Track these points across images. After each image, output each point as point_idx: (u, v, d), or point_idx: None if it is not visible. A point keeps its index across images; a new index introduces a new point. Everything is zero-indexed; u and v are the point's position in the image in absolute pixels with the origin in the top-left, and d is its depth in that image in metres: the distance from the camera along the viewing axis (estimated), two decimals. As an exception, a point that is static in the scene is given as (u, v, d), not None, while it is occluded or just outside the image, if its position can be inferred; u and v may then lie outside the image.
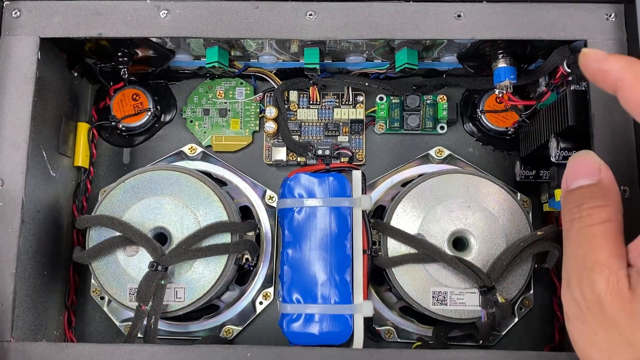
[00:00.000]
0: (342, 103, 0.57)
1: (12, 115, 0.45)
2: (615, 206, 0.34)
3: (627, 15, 0.44)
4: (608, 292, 0.32)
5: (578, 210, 0.35)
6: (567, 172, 0.36)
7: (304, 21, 0.46)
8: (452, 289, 0.48)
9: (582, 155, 0.36)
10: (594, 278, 0.32)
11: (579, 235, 0.34)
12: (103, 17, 0.46)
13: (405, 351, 0.41)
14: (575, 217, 0.35)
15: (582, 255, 0.33)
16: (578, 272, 0.33)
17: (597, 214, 0.34)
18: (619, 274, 0.32)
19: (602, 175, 0.35)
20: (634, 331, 0.31)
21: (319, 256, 0.47)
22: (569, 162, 0.36)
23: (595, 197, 0.34)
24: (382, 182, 0.55)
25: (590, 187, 0.35)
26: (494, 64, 0.50)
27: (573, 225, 0.35)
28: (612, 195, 0.34)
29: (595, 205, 0.34)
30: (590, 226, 0.34)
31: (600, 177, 0.35)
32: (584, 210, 0.34)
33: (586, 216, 0.34)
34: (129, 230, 0.46)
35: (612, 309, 0.32)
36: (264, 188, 0.56)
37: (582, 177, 0.35)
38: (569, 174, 0.36)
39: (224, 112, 0.57)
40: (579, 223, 0.34)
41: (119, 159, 0.58)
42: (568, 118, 0.44)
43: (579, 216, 0.34)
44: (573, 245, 0.34)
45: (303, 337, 0.46)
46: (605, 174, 0.35)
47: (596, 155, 0.36)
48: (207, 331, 0.54)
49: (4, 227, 0.43)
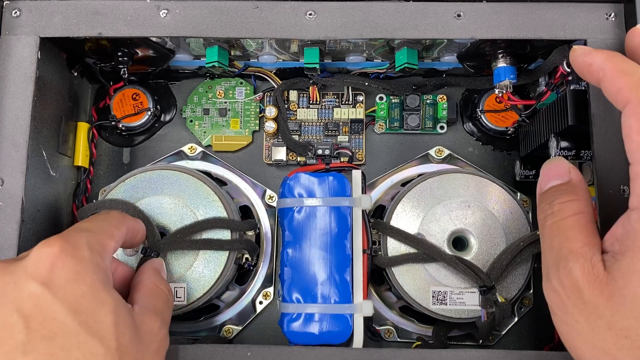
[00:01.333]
0: (342, 103, 0.57)
1: (12, 115, 0.45)
2: (584, 200, 0.36)
3: (627, 15, 0.44)
4: (584, 278, 0.33)
5: (550, 206, 0.37)
6: (540, 177, 0.39)
7: (304, 21, 0.46)
8: (452, 289, 0.48)
9: (553, 161, 0.39)
10: (569, 266, 0.34)
11: (552, 228, 0.36)
12: (103, 16, 0.46)
13: (405, 351, 0.41)
14: (547, 213, 0.37)
15: (558, 247, 0.35)
16: (555, 263, 0.35)
17: (568, 208, 0.36)
18: (593, 260, 0.33)
19: (572, 175, 0.37)
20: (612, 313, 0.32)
21: (319, 256, 0.47)
22: (542, 168, 0.39)
23: (565, 193, 0.37)
24: (382, 181, 0.55)
25: (561, 186, 0.37)
26: (493, 63, 0.50)
27: (546, 221, 0.37)
28: (581, 191, 0.37)
29: (565, 200, 0.36)
30: (563, 219, 0.36)
31: (570, 177, 0.37)
32: (555, 205, 0.36)
33: (557, 211, 0.36)
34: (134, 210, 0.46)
35: (590, 293, 0.33)
36: (264, 188, 0.56)
37: (553, 179, 0.38)
38: (542, 178, 0.39)
39: (224, 112, 0.57)
40: (552, 218, 0.36)
41: (119, 159, 0.58)
42: (568, 118, 0.44)
43: (551, 212, 0.36)
44: (547, 239, 0.36)
45: (303, 336, 0.46)
46: (575, 174, 0.37)
47: (566, 161, 0.38)
48: (207, 331, 0.54)
49: (4, 227, 0.43)
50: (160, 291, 0.41)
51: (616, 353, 0.32)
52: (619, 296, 0.32)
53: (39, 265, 0.33)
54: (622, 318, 0.32)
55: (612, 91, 0.35)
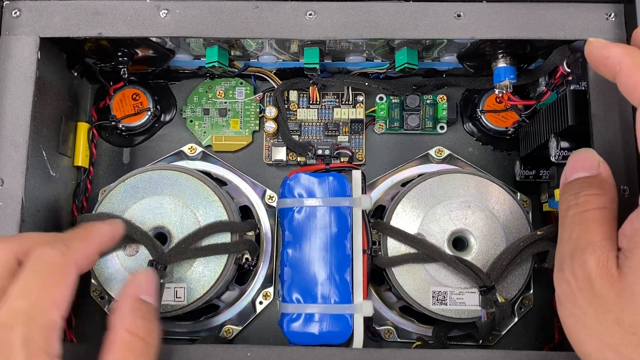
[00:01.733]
0: (342, 103, 0.57)
1: (12, 115, 0.45)
2: (611, 196, 0.35)
3: (627, 15, 0.44)
4: (598, 271, 0.33)
5: (574, 197, 0.36)
6: (567, 167, 0.38)
7: (304, 21, 0.46)
8: (452, 289, 0.48)
9: (582, 151, 0.38)
10: (585, 257, 0.33)
11: (574, 219, 0.35)
12: (103, 16, 0.46)
13: (405, 351, 0.41)
14: (571, 203, 0.36)
15: (576, 238, 0.35)
16: (571, 253, 0.34)
17: (593, 201, 0.35)
18: (609, 255, 0.33)
19: (601, 169, 0.36)
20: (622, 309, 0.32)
21: (319, 256, 0.47)
22: (570, 158, 0.38)
23: (592, 186, 0.36)
24: (382, 182, 0.55)
25: (588, 178, 0.36)
26: (493, 63, 0.50)
27: (569, 212, 0.36)
28: (608, 186, 0.36)
29: (591, 193, 0.35)
30: (586, 211, 0.35)
31: (599, 170, 0.36)
32: (580, 197, 0.36)
33: (582, 202, 0.35)
34: (130, 227, 0.46)
35: (601, 287, 0.33)
36: (264, 188, 0.56)
37: (580, 170, 0.37)
38: (569, 168, 0.38)
39: (224, 112, 0.57)
40: (575, 209, 0.36)
41: (118, 159, 0.58)
42: (568, 118, 0.44)
43: (575, 202, 0.36)
44: (567, 229, 0.36)
45: (303, 336, 0.46)
46: (604, 168, 0.36)
47: (596, 152, 0.37)
48: (207, 331, 0.54)
49: (4, 226, 0.43)
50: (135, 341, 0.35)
51: (622, 349, 0.32)
52: (629, 293, 0.31)
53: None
54: (631, 314, 0.31)
55: (628, 86, 0.35)
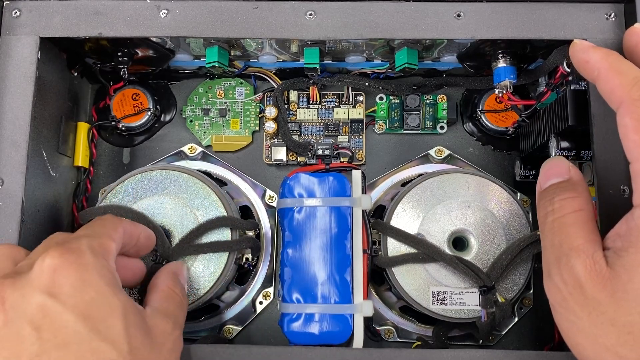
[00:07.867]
0: (342, 103, 0.57)
1: (12, 115, 0.45)
2: (584, 197, 0.36)
3: (627, 15, 0.44)
4: (586, 274, 0.33)
5: (550, 203, 0.37)
6: (540, 176, 0.39)
7: (304, 21, 0.46)
8: (452, 289, 0.48)
9: (552, 160, 0.39)
10: (571, 263, 0.34)
11: (553, 225, 0.36)
12: (103, 16, 0.46)
13: (405, 351, 0.41)
14: (548, 210, 0.37)
15: (559, 244, 0.35)
16: (556, 259, 0.35)
17: (568, 204, 0.36)
18: (595, 257, 0.33)
19: (572, 173, 0.37)
20: (615, 309, 0.32)
21: (319, 256, 0.47)
22: (542, 167, 0.39)
23: (565, 190, 0.37)
24: (382, 182, 0.55)
25: (561, 183, 0.37)
26: (493, 63, 0.50)
27: (547, 218, 0.37)
28: (581, 188, 0.37)
29: (566, 197, 0.36)
30: (563, 216, 0.36)
31: (570, 175, 0.37)
32: (555, 202, 0.36)
33: (558, 208, 0.36)
34: (143, 219, 0.46)
35: (593, 289, 0.33)
36: (264, 188, 0.56)
37: (553, 177, 0.38)
38: (542, 177, 0.39)
39: (224, 112, 0.57)
40: (553, 215, 0.36)
41: (119, 159, 0.58)
42: (568, 118, 0.44)
43: (552, 209, 0.36)
44: (549, 236, 0.36)
45: (303, 336, 0.46)
46: (574, 171, 0.38)
47: (565, 159, 0.38)
48: (207, 331, 0.54)
49: (4, 227, 0.43)
50: (174, 295, 0.42)
51: (619, 349, 0.32)
52: (622, 292, 0.32)
53: (43, 276, 0.34)
54: (625, 314, 0.31)
55: (606, 90, 0.36)
